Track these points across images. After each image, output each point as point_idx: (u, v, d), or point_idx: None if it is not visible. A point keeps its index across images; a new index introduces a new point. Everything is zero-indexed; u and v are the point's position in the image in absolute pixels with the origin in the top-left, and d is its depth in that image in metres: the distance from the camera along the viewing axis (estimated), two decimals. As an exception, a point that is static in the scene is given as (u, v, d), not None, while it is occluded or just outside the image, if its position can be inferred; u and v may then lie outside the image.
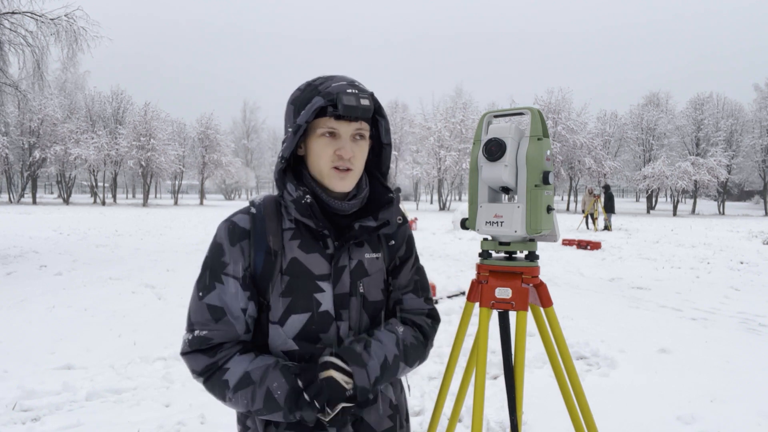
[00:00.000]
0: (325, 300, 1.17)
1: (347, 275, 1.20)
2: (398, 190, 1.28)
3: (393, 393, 1.32)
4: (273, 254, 1.16)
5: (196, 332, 1.14)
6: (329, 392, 1.07)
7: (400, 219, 1.28)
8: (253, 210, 1.20)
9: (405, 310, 1.30)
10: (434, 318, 1.34)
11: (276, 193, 1.24)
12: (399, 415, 1.32)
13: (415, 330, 1.28)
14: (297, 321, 1.16)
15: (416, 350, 1.25)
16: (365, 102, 1.12)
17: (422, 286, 1.33)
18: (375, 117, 1.23)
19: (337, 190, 1.17)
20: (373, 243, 1.27)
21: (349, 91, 1.11)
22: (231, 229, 1.18)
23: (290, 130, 1.15)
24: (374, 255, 1.26)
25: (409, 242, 1.35)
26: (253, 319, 1.19)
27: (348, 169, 1.16)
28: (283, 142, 1.17)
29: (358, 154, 1.17)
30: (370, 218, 1.21)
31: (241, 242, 1.17)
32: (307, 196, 1.15)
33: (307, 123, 1.13)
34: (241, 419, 1.25)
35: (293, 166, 1.23)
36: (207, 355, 1.13)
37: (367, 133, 1.19)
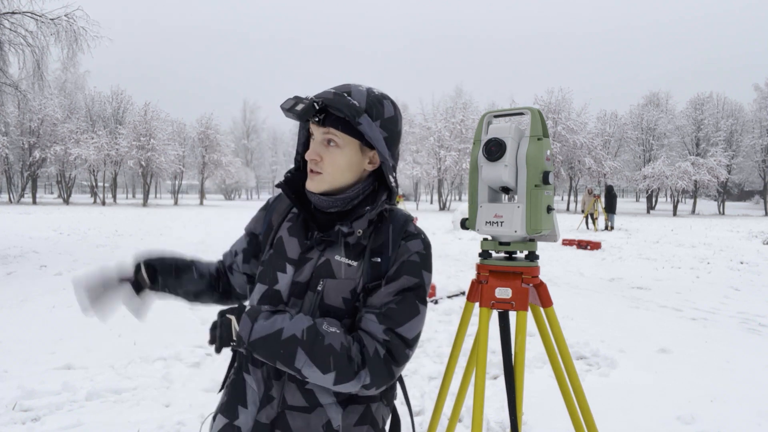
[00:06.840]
0: (283, 281, 1.23)
1: (310, 268, 1.21)
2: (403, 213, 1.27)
3: (340, 418, 1.17)
4: (270, 227, 1.34)
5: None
6: (221, 330, 1.12)
7: (412, 233, 1.22)
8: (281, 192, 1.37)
9: (360, 329, 1.15)
10: (390, 353, 1.11)
11: None
12: None
13: (354, 344, 1.11)
14: (258, 289, 1.27)
15: (335, 357, 1.07)
16: (299, 106, 1.12)
17: (391, 316, 1.13)
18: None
19: (308, 188, 1.24)
20: (356, 251, 1.20)
21: (297, 95, 1.16)
22: (268, 200, 1.44)
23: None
24: (349, 261, 1.19)
25: (406, 268, 1.17)
26: (237, 268, 1.43)
27: (315, 172, 1.20)
28: None
29: (327, 159, 1.18)
30: (348, 223, 1.20)
31: (263, 211, 1.41)
32: (287, 174, 1.32)
33: (307, 121, 1.22)
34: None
35: None
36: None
37: (339, 140, 1.17)
